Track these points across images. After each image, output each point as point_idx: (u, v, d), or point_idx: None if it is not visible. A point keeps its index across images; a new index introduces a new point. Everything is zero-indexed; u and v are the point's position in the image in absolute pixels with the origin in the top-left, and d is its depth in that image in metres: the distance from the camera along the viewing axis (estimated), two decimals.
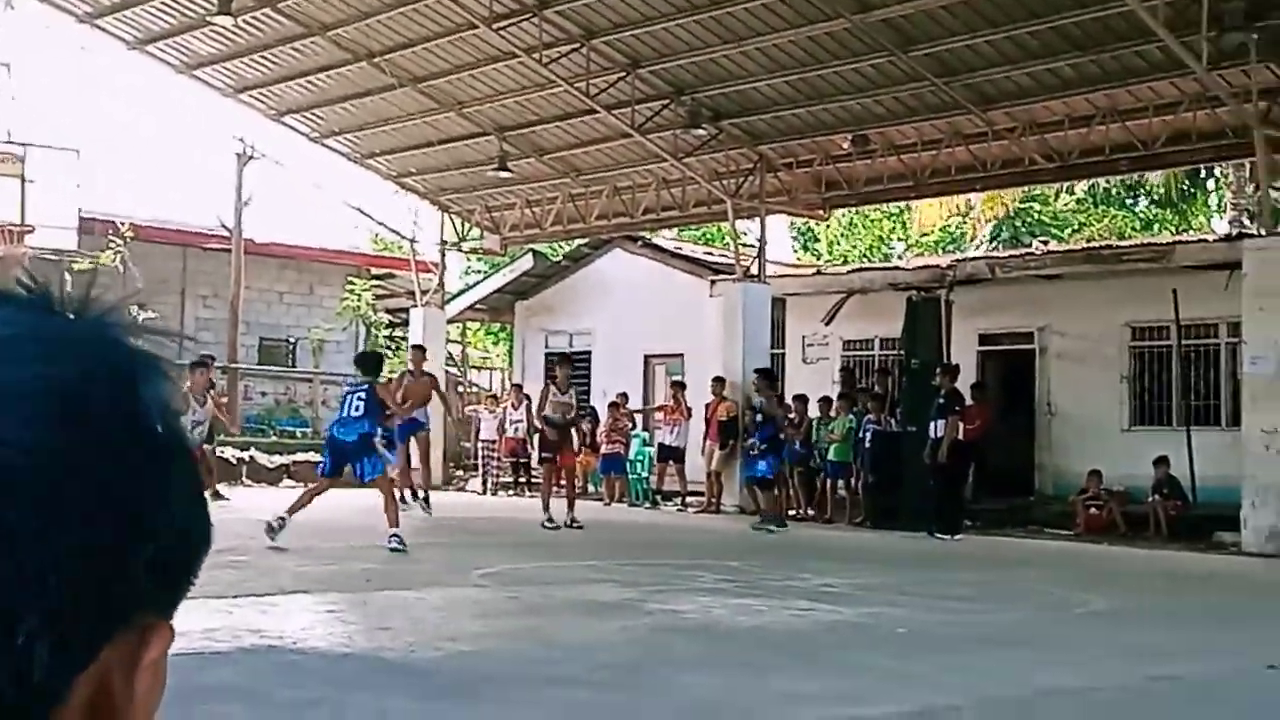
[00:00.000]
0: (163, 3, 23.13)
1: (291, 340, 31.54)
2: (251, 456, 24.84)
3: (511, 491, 24.70)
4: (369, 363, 15.02)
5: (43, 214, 23.12)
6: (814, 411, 21.41)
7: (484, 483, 25.20)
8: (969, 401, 19.18)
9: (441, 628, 8.46)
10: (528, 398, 25.47)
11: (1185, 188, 33.67)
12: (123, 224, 25.58)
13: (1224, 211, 31.79)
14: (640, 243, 27.30)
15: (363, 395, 13.75)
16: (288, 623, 8.37)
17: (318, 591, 9.97)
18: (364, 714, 6.08)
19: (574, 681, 6.84)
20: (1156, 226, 35.27)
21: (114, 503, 0.65)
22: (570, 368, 18.52)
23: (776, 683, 7.08)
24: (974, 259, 25.13)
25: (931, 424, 18.54)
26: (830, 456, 20.58)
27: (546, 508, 16.97)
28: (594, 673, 7.14)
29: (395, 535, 13.06)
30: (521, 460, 24.60)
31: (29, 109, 27.38)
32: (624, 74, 21.46)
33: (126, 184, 68.52)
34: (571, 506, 17.24)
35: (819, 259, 38.19)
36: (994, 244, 34.51)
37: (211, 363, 20.89)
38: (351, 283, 29.73)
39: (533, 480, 24.98)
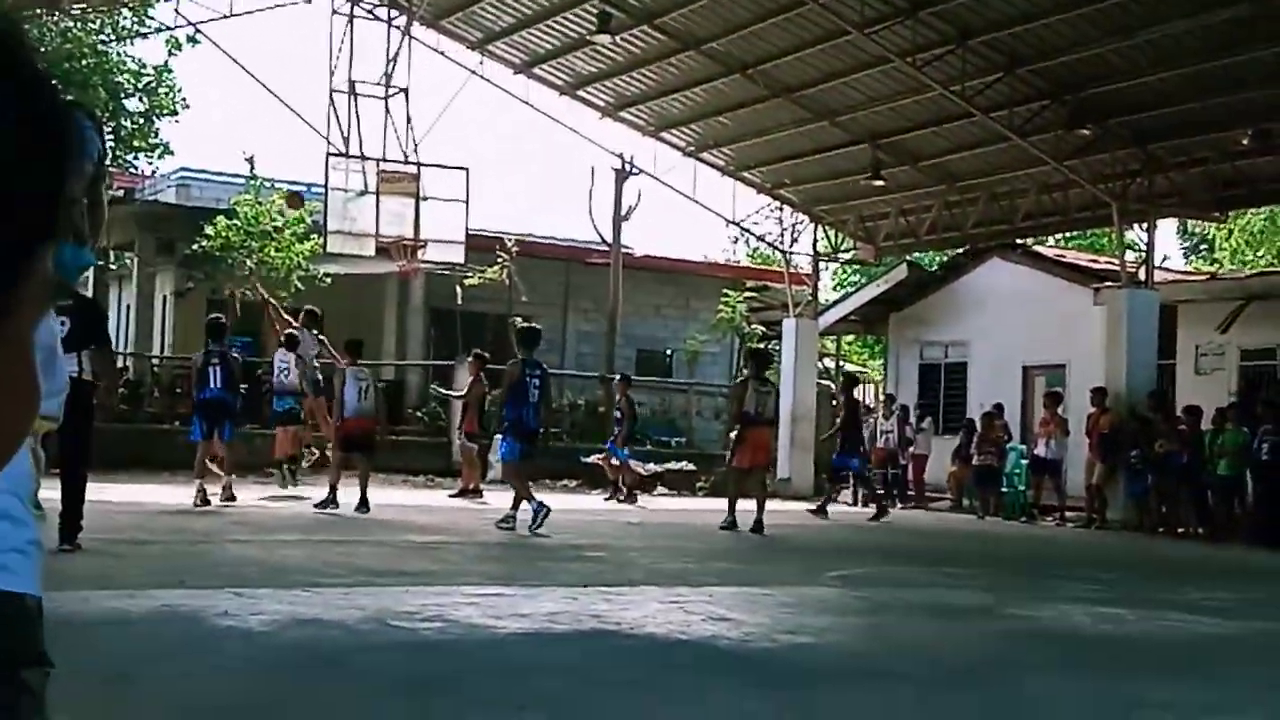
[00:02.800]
0: (547, 26, 24.09)
1: (668, 352, 32.10)
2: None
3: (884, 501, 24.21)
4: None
5: (435, 230, 24.35)
6: (1208, 425, 20.00)
7: (855, 493, 24.83)
8: None
9: (782, 622, 8.28)
10: (904, 408, 25.02)
11: None
12: (509, 239, 26.58)
13: None
14: (1020, 251, 26.33)
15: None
16: (629, 612, 8.37)
17: (666, 585, 9.96)
18: (682, 694, 5.97)
19: (905, 678, 6.52)
20: None
21: None
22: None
23: (1129, 687, 6.53)
24: None
25: None
26: (1220, 471, 19.17)
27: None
28: (929, 671, 6.79)
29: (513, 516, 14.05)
30: (893, 471, 24.14)
31: (423, 130, 29.01)
32: (1001, 75, 20.71)
33: (512, 200, 71.97)
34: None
35: (1217, 268, 35.82)
36: None
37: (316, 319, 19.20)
38: (726, 295, 29.95)
39: (906, 492, 24.51)
